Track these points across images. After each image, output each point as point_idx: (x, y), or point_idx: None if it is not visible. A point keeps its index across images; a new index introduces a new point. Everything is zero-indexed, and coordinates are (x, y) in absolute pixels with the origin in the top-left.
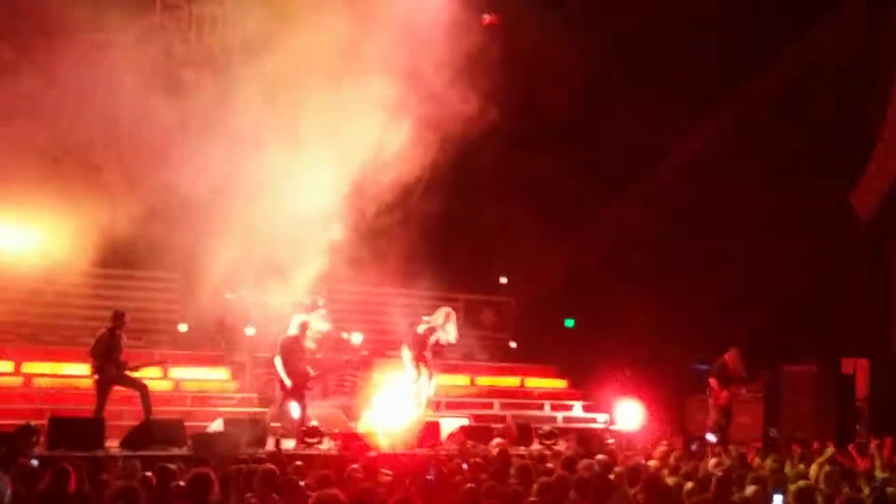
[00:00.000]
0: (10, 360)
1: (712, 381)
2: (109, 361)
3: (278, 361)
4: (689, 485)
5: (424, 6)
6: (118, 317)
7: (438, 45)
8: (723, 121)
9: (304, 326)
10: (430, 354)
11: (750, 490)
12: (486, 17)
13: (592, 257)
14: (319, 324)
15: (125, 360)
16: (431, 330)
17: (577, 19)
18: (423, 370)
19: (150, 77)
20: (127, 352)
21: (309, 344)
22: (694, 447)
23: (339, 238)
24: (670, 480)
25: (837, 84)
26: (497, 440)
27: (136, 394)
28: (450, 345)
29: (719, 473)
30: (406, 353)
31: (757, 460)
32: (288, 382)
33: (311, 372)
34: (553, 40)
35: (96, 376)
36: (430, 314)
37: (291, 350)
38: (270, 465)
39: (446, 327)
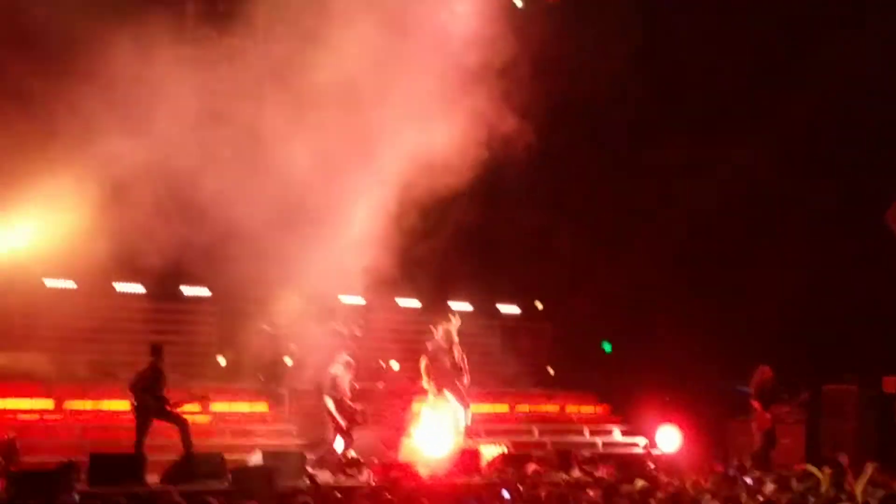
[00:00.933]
0: (50, 396)
1: (755, 404)
2: (149, 396)
3: (329, 401)
4: None
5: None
6: (157, 350)
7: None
8: (758, 140)
9: (349, 364)
10: (456, 378)
11: None
12: None
13: (629, 281)
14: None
15: (167, 394)
16: (437, 353)
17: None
18: (452, 397)
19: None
20: (168, 385)
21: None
22: (731, 472)
23: (376, 264)
24: None
25: (871, 99)
26: (532, 466)
27: (177, 428)
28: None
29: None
30: (429, 386)
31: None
32: (342, 422)
33: (358, 407)
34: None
35: (135, 411)
36: (467, 340)
37: (339, 388)
38: (307, 499)
39: (449, 337)
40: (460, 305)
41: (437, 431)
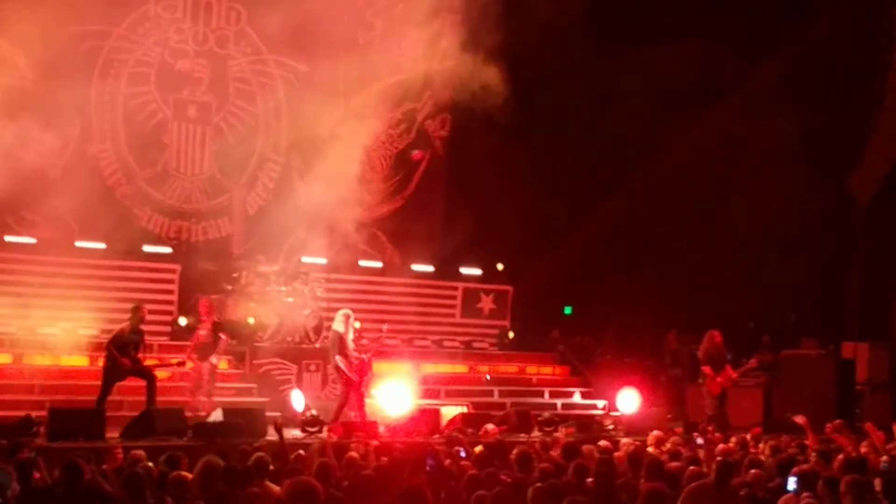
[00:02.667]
0: (8, 351)
1: (705, 369)
2: (124, 356)
3: (339, 359)
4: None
5: None
6: (136, 310)
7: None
8: (721, 109)
9: (348, 318)
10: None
11: (750, 474)
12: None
13: (591, 244)
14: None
15: (140, 356)
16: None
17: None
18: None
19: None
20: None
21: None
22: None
23: (339, 225)
24: (671, 465)
25: (835, 70)
26: (489, 426)
27: (139, 384)
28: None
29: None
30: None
31: (760, 446)
32: (354, 377)
33: (363, 356)
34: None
35: (104, 368)
36: (429, 301)
37: (345, 344)
38: (263, 454)
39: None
40: (421, 267)
41: (397, 392)
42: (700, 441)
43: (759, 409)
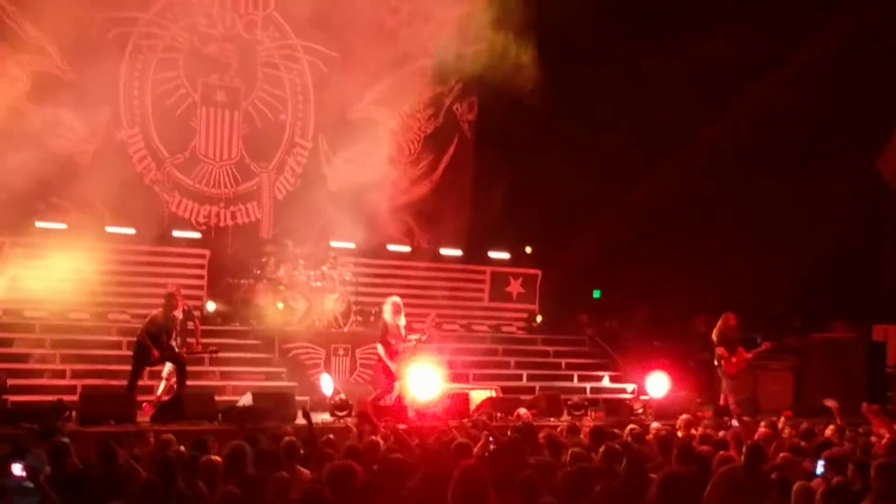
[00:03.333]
0: (39, 336)
1: (720, 351)
2: (156, 343)
3: (381, 349)
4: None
5: None
6: (171, 297)
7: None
8: (751, 91)
9: (395, 307)
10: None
11: (780, 458)
12: None
13: (620, 228)
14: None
15: (173, 342)
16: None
17: None
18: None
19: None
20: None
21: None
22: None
23: (369, 209)
24: (701, 449)
25: (865, 53)
26: (521, 410)
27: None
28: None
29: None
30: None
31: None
32: (393, 368)
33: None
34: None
35: (135, 354)
36: (458, 285)
37: (387, 333)
38: (293, 439)
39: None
40: (449, 251)
41: (426, 376)
42: (735, 424)
43: (789, 392)
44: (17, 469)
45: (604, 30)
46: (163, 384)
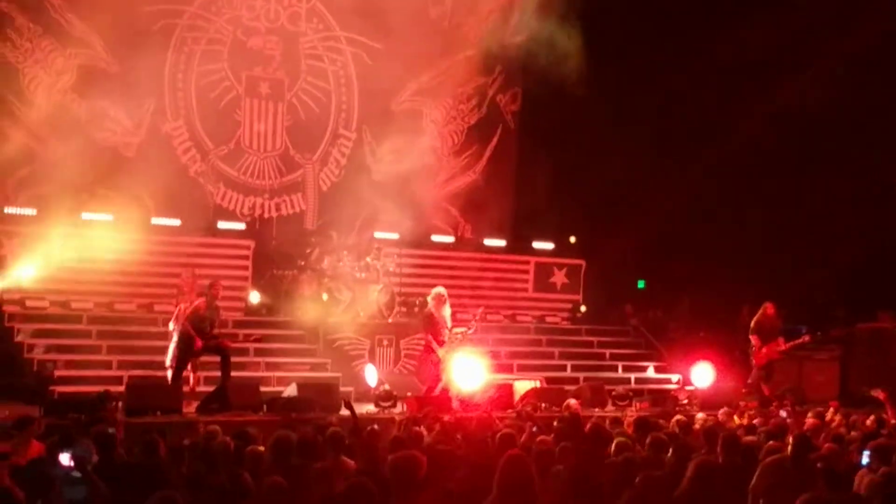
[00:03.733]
0: (86, 327)
1: (753, 339)
2: (200, 333)
3: (431, 338)
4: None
5: None
6: (212, 287)
7: None
8: (795, 82)
9: (439, 297)
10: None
11: (827, 448)
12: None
13: (666, 218)
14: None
15: (216, 332)
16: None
17: None
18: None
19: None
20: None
21: None
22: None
23: (414, 198)
24: (747, 439)
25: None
26: (571, 401)
27: (214, 359)
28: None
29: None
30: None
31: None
32: (443, 356)
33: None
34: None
35: (178, 344)
36: (502, 276)
37: (434, 323)
38: (338, 429)
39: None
40: (493, 241)
41: (471, 366)
42: (784, 414)
43: (835, 382)
44: (66, 459)
45: (650, 18)
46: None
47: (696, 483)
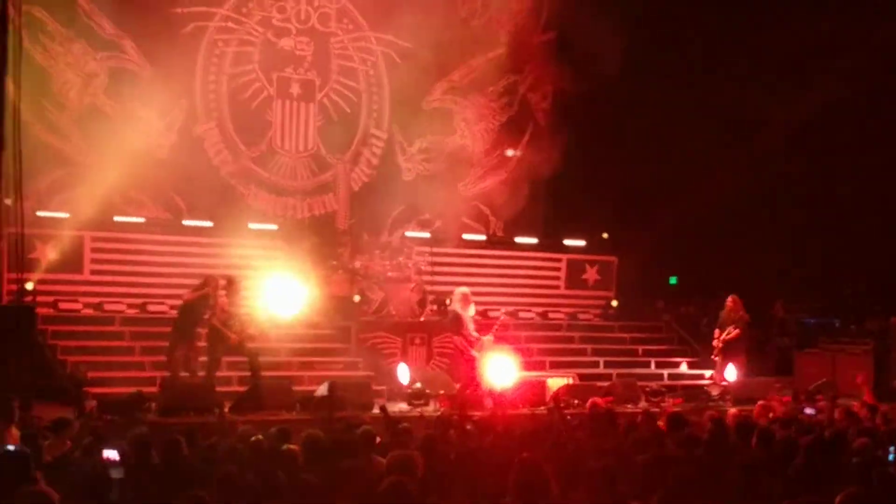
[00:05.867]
0: (119, 329)
1: (716, 333)
2: (228, 329)
3: (458, 340)
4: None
5: None
6: (232, 283)
7: None
8: (828, 75)
9: (465, 297)
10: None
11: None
12: None
13: (697, 214)
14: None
15: (242, 327)
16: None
17: None
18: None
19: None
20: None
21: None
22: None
23: (444, 200)
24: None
25: None
26: (594, 399)
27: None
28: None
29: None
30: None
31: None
32: (476, 355)
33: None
34: None
35: (208, 343)
36: (534, 273)
37: (462, 323)
38: (370, 427)
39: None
40: (525, 239)
41: (503, 364)
42: (810, 411)
43: (869, 376)
44: (113, 454)
45: (680, 15)
46: None
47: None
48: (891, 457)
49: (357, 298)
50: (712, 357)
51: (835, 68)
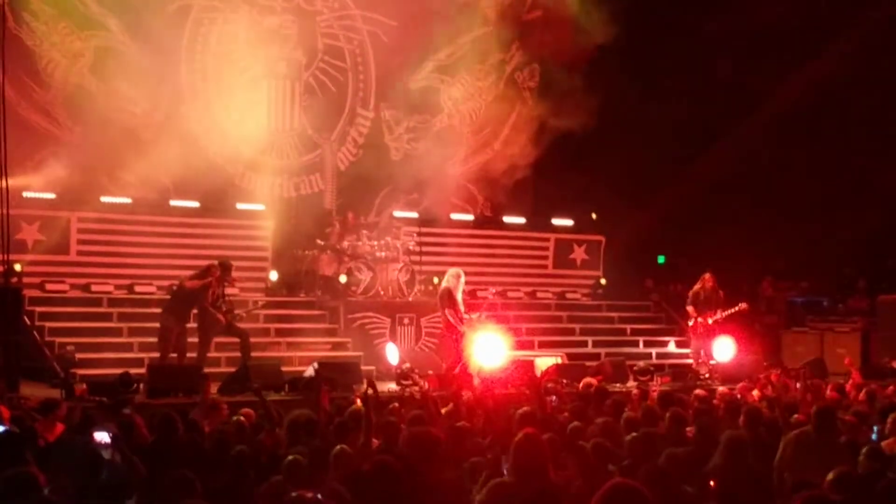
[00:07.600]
0: (106, 310)
1: (689, 309)
2: (217, 311)
3: (449, 314)
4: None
5: None
6: (225, 267)
7: None
8: (815, 55)
9: (458, 277)
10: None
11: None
12: None
13: (685, 192)
14: None
15: (230, 308)
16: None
17: None
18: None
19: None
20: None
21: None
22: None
23: (432, 180)
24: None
25: None
26: (587, 379)
27: (235, 340)
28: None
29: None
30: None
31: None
32: (463, 330)
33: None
34: None
35: (199, 326)
36: (521, 253)
37: (454, 300)
38: (358, 407)
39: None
40: (512, 219)
41: (491, 343)
42: (798, 386)
43: (856, 355)
44: (104, 437)
45: None
46: None
47: (728, 456)
48: (874, 436)
49: (344, 279)
50: (690, 335)
51: (829, 44)
